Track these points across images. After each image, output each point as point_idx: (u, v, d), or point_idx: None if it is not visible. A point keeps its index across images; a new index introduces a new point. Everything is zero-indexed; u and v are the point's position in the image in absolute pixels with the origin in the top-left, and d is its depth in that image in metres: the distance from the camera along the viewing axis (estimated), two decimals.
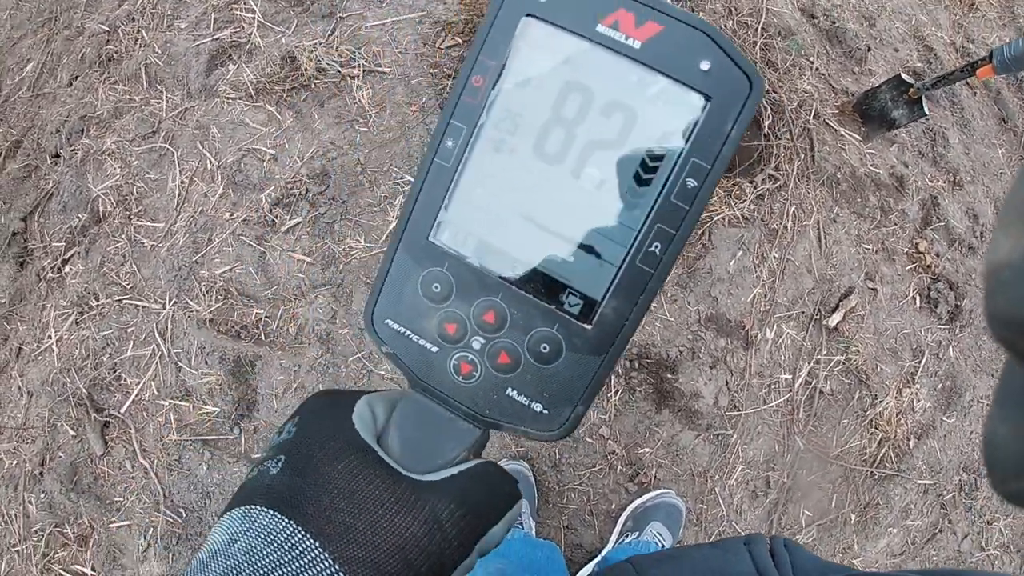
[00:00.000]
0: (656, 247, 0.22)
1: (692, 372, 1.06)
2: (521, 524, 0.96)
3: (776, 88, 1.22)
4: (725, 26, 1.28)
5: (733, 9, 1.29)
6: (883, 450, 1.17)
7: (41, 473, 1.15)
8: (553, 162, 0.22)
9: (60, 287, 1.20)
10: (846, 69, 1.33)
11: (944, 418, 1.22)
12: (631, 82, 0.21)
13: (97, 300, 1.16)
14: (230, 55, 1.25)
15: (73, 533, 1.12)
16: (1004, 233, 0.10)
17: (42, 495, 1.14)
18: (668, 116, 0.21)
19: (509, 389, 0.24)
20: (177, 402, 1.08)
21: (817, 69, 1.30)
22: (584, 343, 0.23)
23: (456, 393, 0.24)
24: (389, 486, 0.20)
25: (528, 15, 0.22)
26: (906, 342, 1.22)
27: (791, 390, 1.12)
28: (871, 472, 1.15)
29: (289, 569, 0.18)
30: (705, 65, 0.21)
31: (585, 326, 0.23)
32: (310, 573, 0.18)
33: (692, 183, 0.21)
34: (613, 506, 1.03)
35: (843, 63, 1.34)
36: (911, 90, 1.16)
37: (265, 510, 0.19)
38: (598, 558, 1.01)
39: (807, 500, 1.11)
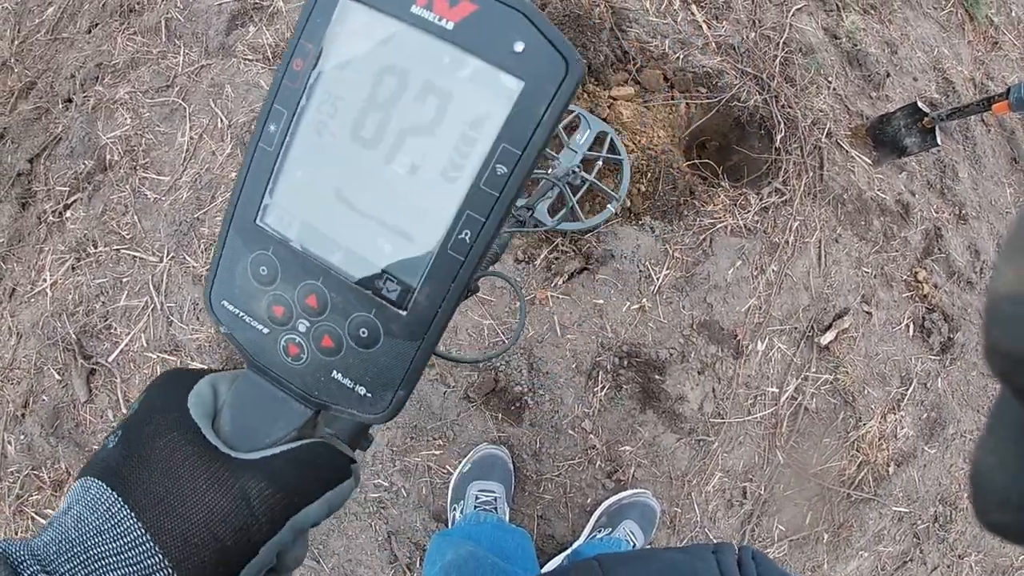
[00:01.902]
0: (466, 234, 0.22)
1: (680, 375, 1.07)
2: (495, 508, 0.96)
3: (791, 104, 1.23)
4: (747, 37, 1.28)
5: (756, 21, 1.29)
6: (862, 473, 1.17)
7: (23, 415, 1.15)
8: (369, 146, 0.22)
9: (60, 231, 1.20)
10: (863, 92, 1.34)
11: (926, 448, 1.23)
12: (444, 64, 0.21)
13: (95, 247, 1.16)
14: (251, 16, 1.24)
15: (49, 477, 1.12)
16: (1007, 265, 0.10)
17: (22, 437, 1.14)
18: (480, 99, 0.21)
19: (334, 371, 0.24)
20: (165, 356, 1.08)
21: (834, 89, 1.30)
22: (400, 328, 0.23)
23: (287, 374, 0.25)
24: (204, 463, 0.22)
25: None
26: (895, 369, 1.22)
27: (776, 404, 1.12)
28: (848, 493, 1.15)
29: (108, 535, 0.20)
30: (519, 46, 0.20)
31: (400, 312, 0.23)
32: (124, 540, 0.20)
33: (502, 169, 0.21)
34: (589, 500, 1.03)
35: (861, 86, 1.34)
36: (926, 119, 1.17)
37: (96, 481, 0.21)
38: (568, 551, 1.01)
39: (782, 514, 1.11)
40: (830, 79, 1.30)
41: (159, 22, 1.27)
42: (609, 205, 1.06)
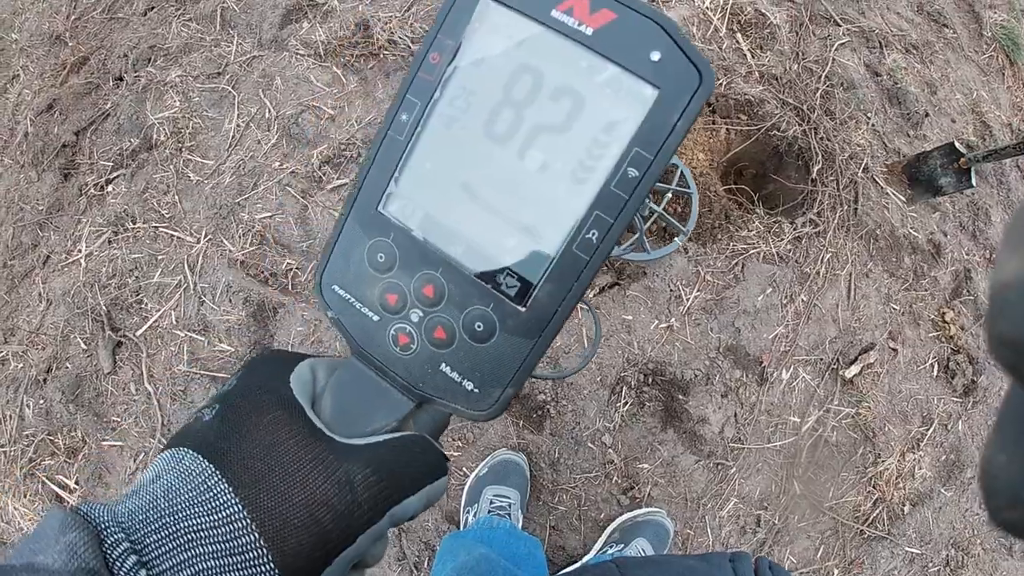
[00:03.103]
0: (593, 235, 0.22)
1: (703, 397, 1.06)
2: (508, 515, 0.96)
3: (830, 136, 1.24)
4: (790, 69, 1.29)
5: (800, 53, 1.30)
6: (877, 510, 1.16)
7: (45, 380, 1.16)
8: (500, 142, 0.22)
9: (100, 205, 1.22)
10: (901, 130, 1.34)
11: (943, 490, 1.21)
12: (581, 68, 0.21)
13: (134, 223, 1.18)
14: (306, 13, 1.27)
15: (64, 444, 1.12)
16: (1011, 253, 0.09)
17: (41, 401, 1.15)
18: (615, 104, 0.21)
19: (443, 364, 0.24)
20: (194, 335, 1.09)
21: (873, 126, 1.31)
22: (517, 325, 0.23)
23: (393, 363, 0.25)
24: (309, 443, 0.21)
25: None
26: (917, 408, 1.22)
27: (797, 434, 1.12)
28: (861, 530, 1.14)
29: (201, 509, 0.19)
30: (656, 56, 0.20)
31: (519, 308, 0.23)
32: (219, 515, 0.19)
33: (633, 173, 0.21)
34: (603, 515, 1.03)
35: (899, 124, 1.35)
36: (962, 159, 1.17)
37: (190, 452, 0.20)
38: (578, 564, 1.01)
39: (794, 546, 1.10)
40: (869, 115, 1.31)
41: (215, 10, 1.30)
42: (676, 238, 1.05)
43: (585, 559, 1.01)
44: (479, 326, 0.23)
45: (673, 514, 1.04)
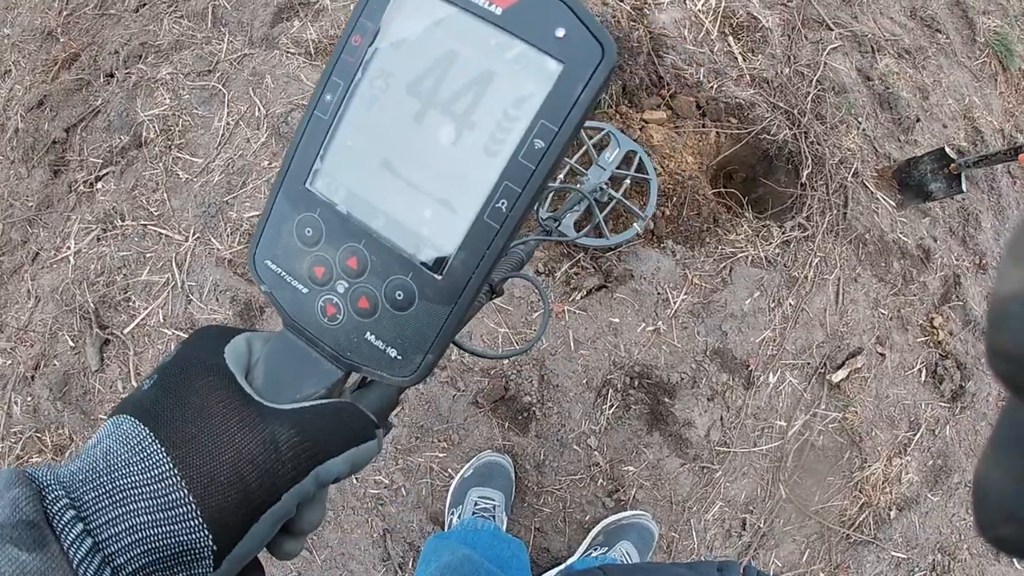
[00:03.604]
0: (503, 204, 0.23)
1: (689, 401, 1.06)
2: (493, 516, 0.96)
3: (820, 141, 1.24)
4: (781, 72, 1.29)
5: (792, 57, 1.30)
6: (863, 515, 1.16)
7: (33, 377, 1.16)
8: (417, 120, 0.24)
9: (89, 202, 1.22)
10: (892, 135, 1.34)
11: (929, 495, 1.21)
12: (491, 46, 0.22)
13: (122, 221, 1.18)
14: (297, 11, 1.27)
15: (51, 441, 1.12)
16: (1013, 266, 0.09)
17: (29, 398, 1.15)
18: (523, 79, 0.22)
19: (368, 333, 0.25)
20: (181, 333, 1.09)
21: (864, 130, 1.31)
22: (435, 292, 0.24)
23: (322, 334, 0.26)
24: (237, 407, 0.22)
25: None
26: (905, 413, 1.22)
27: (783, 438, 1.12)
28: (847, 534, 1.14)
29: (136, 468, 0.20)
30: (560, 32, 0.21)
31: (436, 276, 0.24)
32: (151, 473, 0.20)
33: (540, 144, 0.22)
34: (587, 517, 1.03)
35: (890, 129, 1.35)
36: (952, 165, 1.17)
37: (129, 418, 0.21)
38: (562, 566, 1.01)
39: (780, 549, 1.10)
40: (860, 119, 1.31)
41: (206, 8, 1.29)
42: (635, 224, 1.07)
43: (570, 561, 1.01)
44: (399, 295, 0.24)
45: (658, 517, 1.04)
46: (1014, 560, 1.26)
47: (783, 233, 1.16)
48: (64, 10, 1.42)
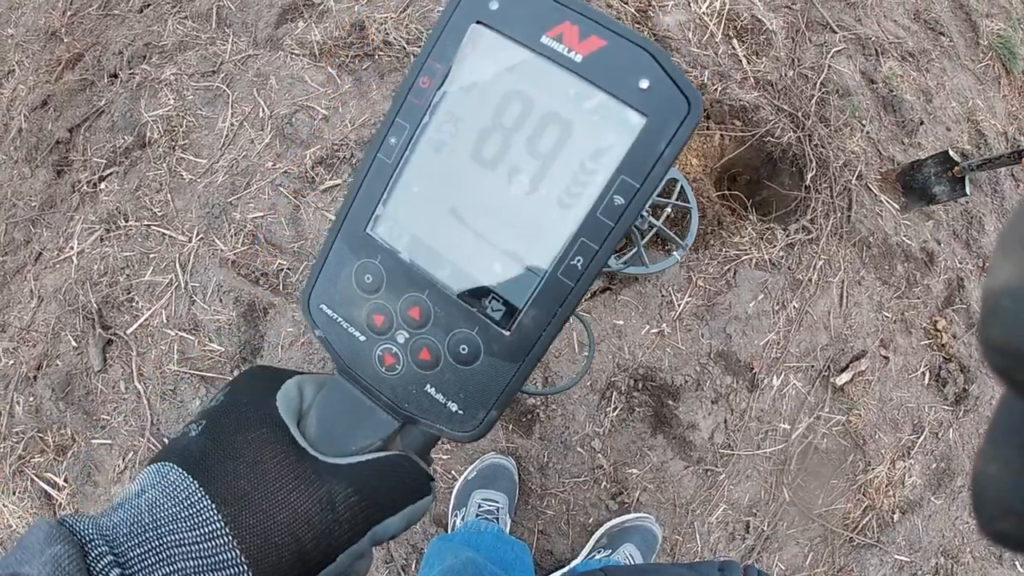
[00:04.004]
0: (578, 261, 0.22)
1: (693, 403, 1.06)
2: (496, 519, 0.96)
3: (824, 144, 1.24)
4: (786, 75, 1.29)
5: (796, 60, 1.30)
6: (867, 518, 1.16)
7: (35, 377, 1.15)
8: (488, 167, 0.23)
9: (92, 202, 1.22)
10: (896, 138, 1.34)
11: (932, 498, 1.21)
12: (569, 95, 0.22)
13: (126, 221, 1.17)
14: (302, 12, 1.27)
15: (53, 441, 1.12)
16: (1004, 259, 0.09)
17: (31, 398, 1.15)
18: (603, 131, 0.21)
19: (428, 386, 0.24)
20: (184, 334, 1.09)
21: (868, 133, 1.31)
22: (502, 348, 0.23)
23: (379, 383, 0.25)
24: (292, 462, 0.21)
25: (478, 22, 0.22)
26: (908, 416, 1.22)
27: (787, 441, 1.12)
28: (851, 537, 1.14)
29: (184, 524, 0.19)
30: (644, 83, 0.21)
31: (504, 332, 0.23)
32: (202, 531, 0.19)
33: (619, 200, 0.21)
34: (591, 520, 1.03)
35: (894, 132, 1.35)
36: (956, 168, 1.17)
37: (175, 468, 0.21)
38: (565, 569, 1.00)
39: (783, 552, 1.10)
40: (864, 122, 1.31)
41: (211, 8, 1.29)
42: (675, 252, 1.05)
43: (573, 564, 1.01)
44: (464, 349, 0.24)
45: (662, 520, 1.04)
46: (1016, 563, 1.26)
47: (787, 236, 1.16)
48: (68, 10, 1.42)
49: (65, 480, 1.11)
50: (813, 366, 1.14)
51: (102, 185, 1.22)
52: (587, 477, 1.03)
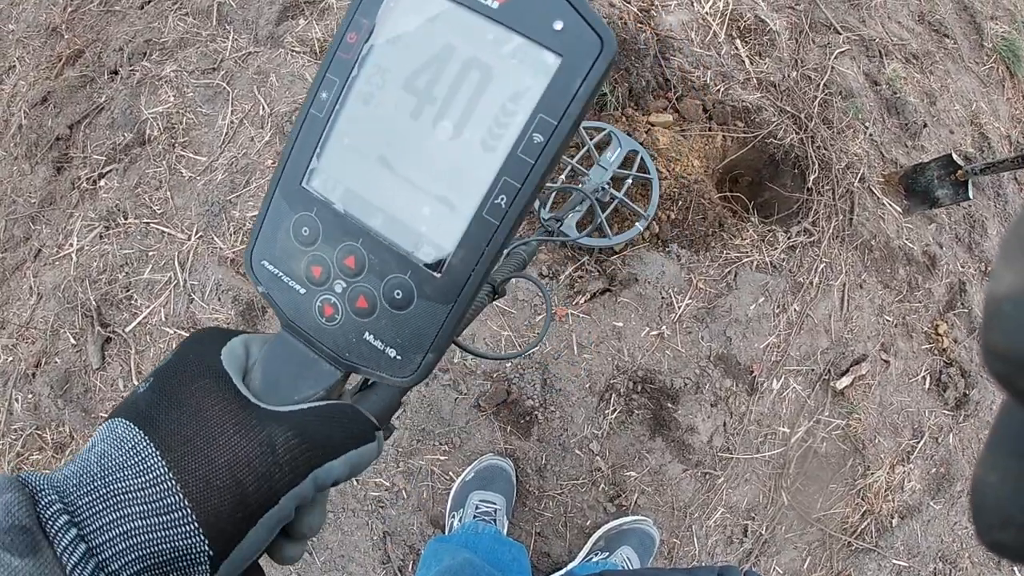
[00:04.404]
0: (502, 199, 0.22)
1: (692, 406, 1.06)
2: (494, 520, 0.96)
3: (827, 145, 1.23)
4: (788, 76, 1.29)
5: (799, 61, 1.29)
6: (865, 522, 1.16)
7: (34, 374, 1.15)
8: (414, 116, 0.23)
9: (92, 199, 1.21)
10: (899, 140, 1.34)
11: (931, 503, 1.21)
12: (488, 40, 0.22)
13: (125, 218, 1.17)
14: (302, 10, 1.26)
15: (52, 439, 1.12)
16: (1006, 265, 0.09)
17: (30, 396, 1.15)
18: (521, 73, 0.22)
19: (366, 333, 0.25)
20: (183, 332, 1.09)
21: (871, 135, 1.30)
22: (434, 291, 0.24)
23: (320, 335, 0.25)
24: (234, 409, 0.22)
25: None
26: (908, 420, 1.21)
27: (786, 444, 1.11)
28: (849, 542, 1.13)
29: (130, 472, 0.20)
30: (558, 25, 0.21)
31: (435, 274, 0.24)
32: (146, 477, 0.20)
33: (538, 138, 0.22)
34: (588, 522, 1.02)
35: (897, 134, 1.34)
36: (959, 171, 1.17)
37: (123, 421, 0.21)
38: (562, 571, 1.00)
39: (781, 556, 1.10)
40: (867, 124, 1.30)
41: (211, 5, 1.29)
42: (637, 223, 1.06)
43: (570, 566, 1.01)
44: (398, 294, 0.24)
45: (659, 523, 1.03)
46: (1015, 568, 1.26)
47: (789, 238, 1.16)
48: (69, 6, 1.42)
49: None
50: (813, 370, 1.14)
51: (102, 182, 1.22)
52: (585, 479, 1.03)
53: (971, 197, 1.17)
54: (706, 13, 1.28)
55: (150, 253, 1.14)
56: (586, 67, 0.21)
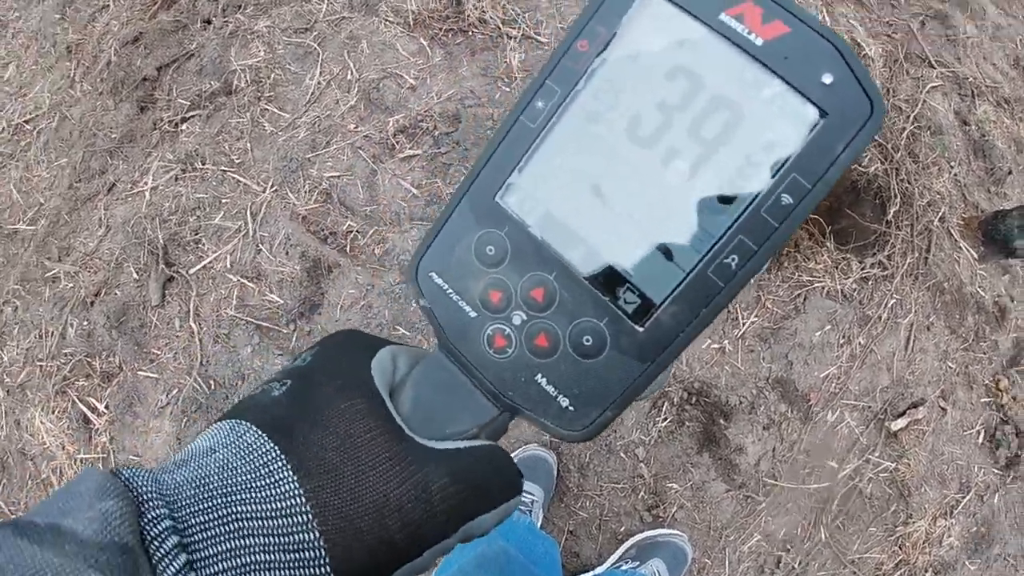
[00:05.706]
0: (733, 260, 0.20)
1: (744, 426, 1.04)
2: (530, 512, 0.95)
3: (911, 180, 1.20)
4: None
5: (891, 90, 1.26)
6: (898, 572, 1.12)
7: (92, 303, 1.18)
8: (644, 146, 0.21)
9: (172, 141, 1.24)
10: (982, 184, 1.30)
11: (967, 562, 1.17)
12: (745, 80, 0.20)
13: (203, 164, 1.19)
14: None
15: (100, 367, 1.14)
16: None
17: (85, 323, 1.17)
18: (777, 123, 0.20)
19: (539, 375, 0.22)
20: (246, 281, 1.10)
21: (955, 175, 1.26)
22: (631, 345, 0.21)
23: (483, 365, 0.23)
24: (388, 440, 0.19)
25: None
26: (957, 473, 1.17)
27: (833, 480, 1.08)
28: None
29: (259, 495, 0.17)
30: (827, 79, 0.19)
31: (636, 327, 0.21)
32: (277, 505, 0.17)
33: (787, 200, 0.19)
34: (623, 528, 1.01)
35: (981, 177, 1.30)
36: None
37: (253, 428, 0.18)
38: (591, 573, 0.99)
39: None
40: (952, 164, 1.26)
41: None
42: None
43: (598, 570, 0.99)
44: (587, 340, 0.21)
45: (694, 540, 1.01)
46: None
47: (862, 269, 1.13)
48: None
49: (106, 407, 1.14)
50: (870, 407, 1.11)
51: (184, 126, 1.24)
52: (626, 484, 1.01)
53: None
54: None
55: (223, 200, 1.16)
56: (852, 132, 0.19)
